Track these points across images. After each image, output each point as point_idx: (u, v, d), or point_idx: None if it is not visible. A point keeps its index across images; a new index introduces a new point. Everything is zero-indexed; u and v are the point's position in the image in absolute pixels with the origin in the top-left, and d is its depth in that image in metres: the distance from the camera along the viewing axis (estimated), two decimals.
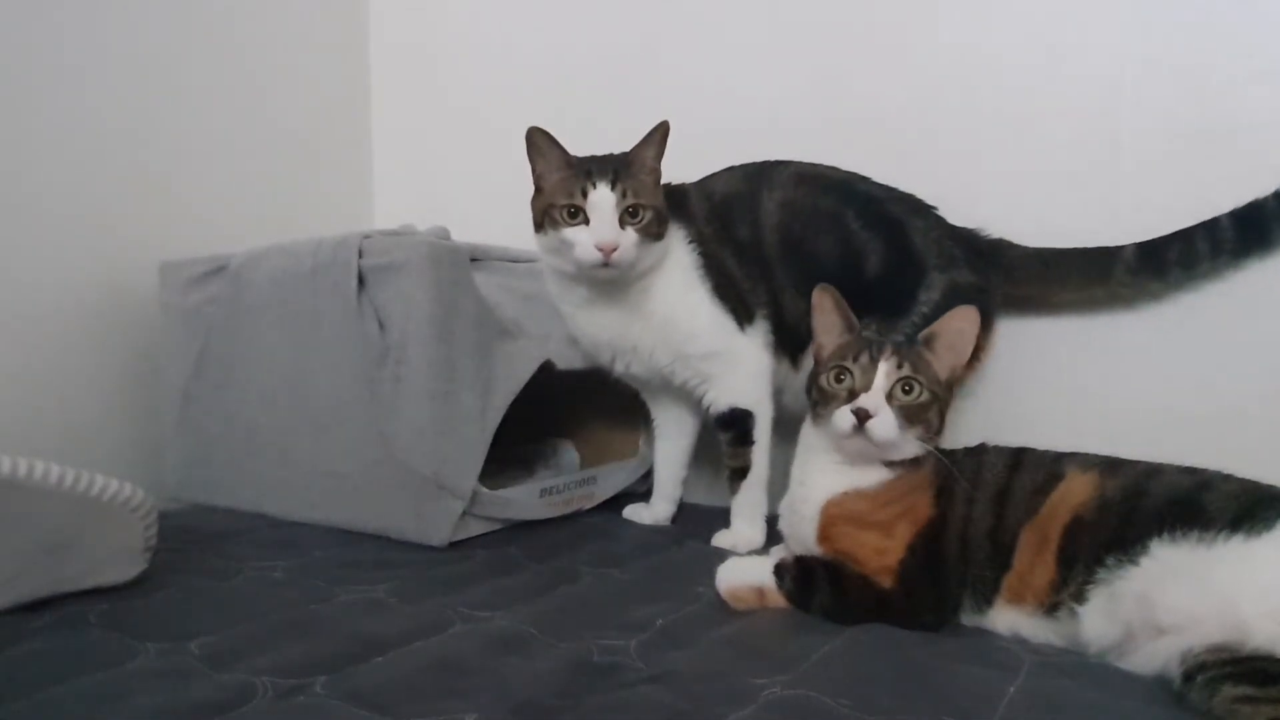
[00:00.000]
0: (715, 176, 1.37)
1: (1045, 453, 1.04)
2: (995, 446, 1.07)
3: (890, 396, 1.02)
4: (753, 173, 1.35)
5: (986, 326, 1.23)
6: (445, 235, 1.41)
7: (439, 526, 1.24)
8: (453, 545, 1.26)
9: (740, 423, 1.31)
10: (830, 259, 1.28)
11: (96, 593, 1.00)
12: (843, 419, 1.01)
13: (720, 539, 1.32)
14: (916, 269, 1.26)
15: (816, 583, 1.00)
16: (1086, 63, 1.34)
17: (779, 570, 1.02)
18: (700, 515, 1.44)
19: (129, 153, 1.56)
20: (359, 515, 1.31)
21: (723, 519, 1.34)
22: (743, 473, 1.32)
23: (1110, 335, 1.33)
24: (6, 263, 1.40)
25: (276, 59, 1.82)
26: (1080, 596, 0.92)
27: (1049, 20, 1.36)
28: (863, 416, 1.00)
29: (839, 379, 1.05)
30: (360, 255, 1.28)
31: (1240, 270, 1.24)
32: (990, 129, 1.40)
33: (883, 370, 1.02)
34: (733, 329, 1.30)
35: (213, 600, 1.03)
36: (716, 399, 1.32)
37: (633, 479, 1.56)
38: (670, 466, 1.45)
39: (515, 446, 1.55)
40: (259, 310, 1.38)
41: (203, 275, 1.45)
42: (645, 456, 1.57)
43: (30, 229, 1.43)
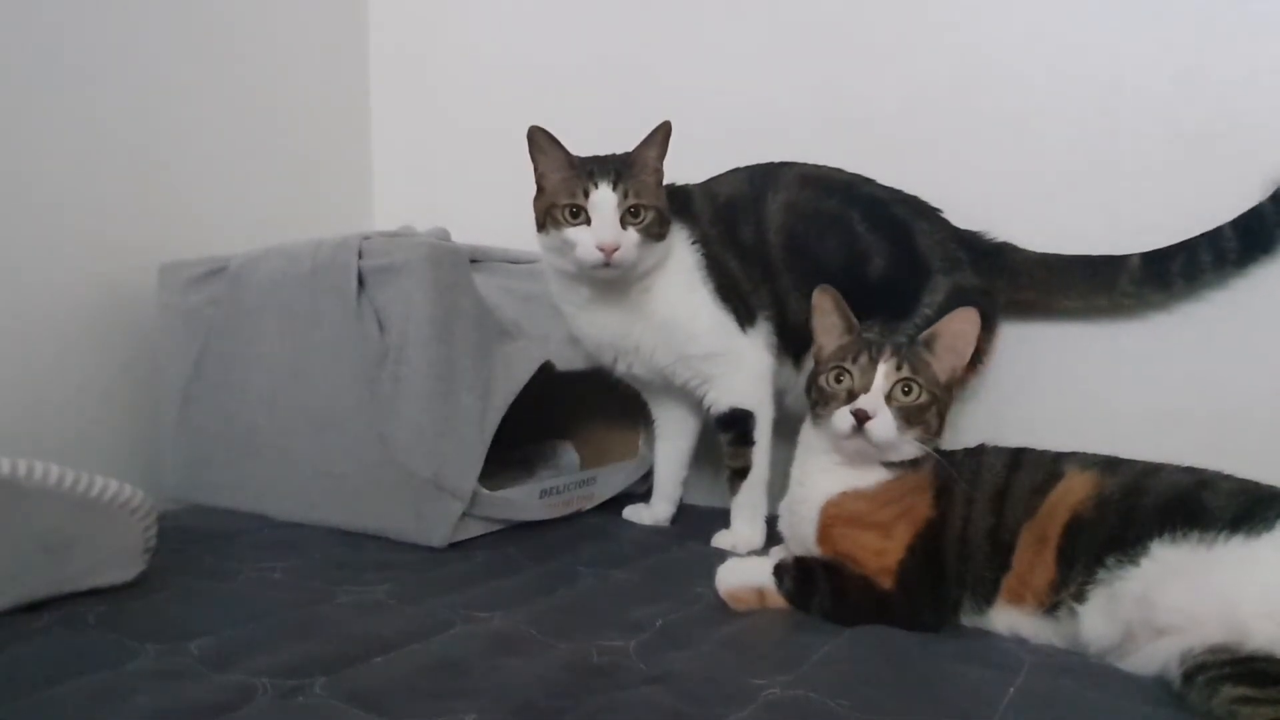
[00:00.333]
0: (719, 178, 1.37)
1: (1044, 452, 1.04)
2: (994, 447, 1.07)
3: (889, 398, 1.02)
4: (757, 174, 1.35)
5: (989, 329, 1.23)
6: (445, 236, 1.41)
7: (439, 527, 1.24)
8: (452, 546, 1.26)
9: (741, 423, 1.31)
10: (834, 260, 1.28)
11: (96, 593, 1.00)
12: (842, 420, 1.01)
13: (720, 539, 1.32)
14: (920, 271, 1.27)
15: (816, 583, 1.00)
16: (1086, 64, 1.34)
17: (778, 571, 1.02)
18: (700, 516, 1.44)
19: (129, 154, 1.56)
20: (359, 516, 1.31)
21: (722, 520, 1.34)
22: (743, 473, 1.32)
23: (1111, 337, 1.33)
24: (6, 264, 1.40)
25: (276, 61, 1.82)
26: (1080, 596, 0.92)
27: (1048, 21, 1.37)
28: (862, 417, 1.00)
29: (838, 380, 1.05)
30: (360, 256, 1.28)
31: (1241, 275, 1.24)
32: (989, 130, 1.40)
33: (882, 371, 1.03)
34: (734, 330, 1.30)
35: (212, 601, 1.02)
36: (717, 399, 1.32)
37: (632, 480, 1.56)
38: (670, 467, 1.45)
39: (515, 447, 1.54)
40: (258, 311, 1.38)
41: (202, 276, 1.45)
42: (645, 457, 1.57)
43: (30, 230, 1.42)
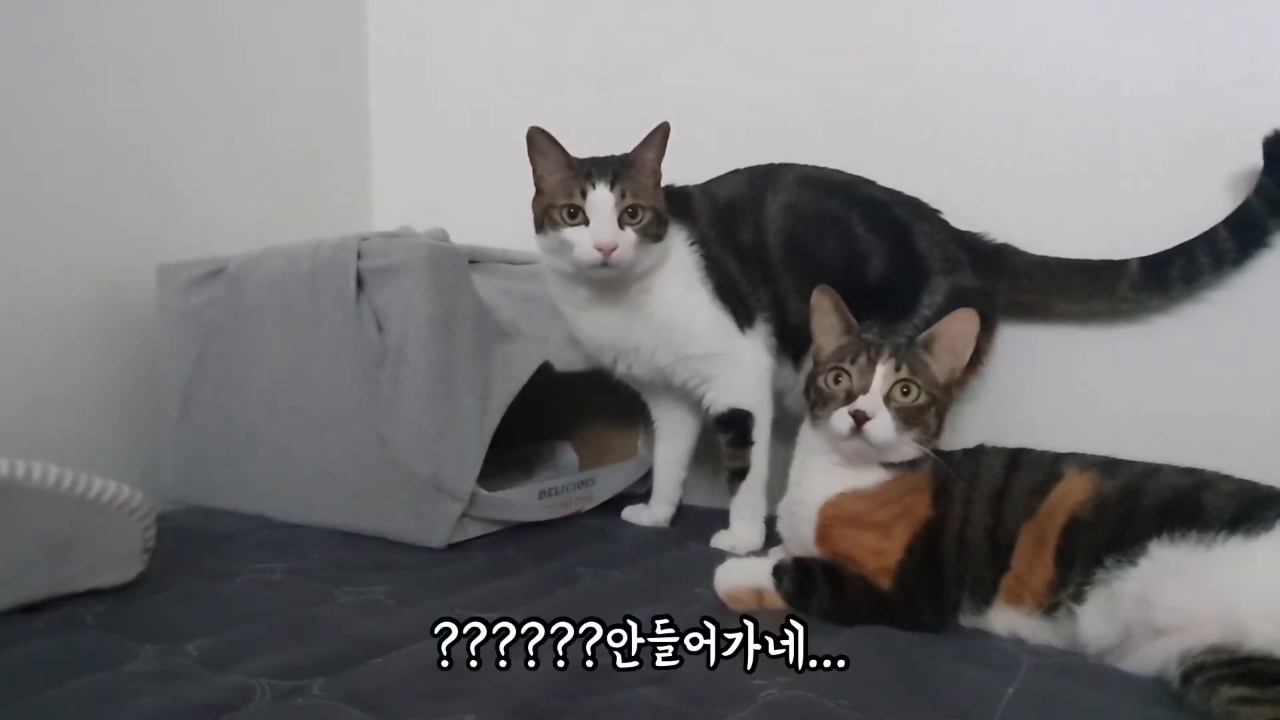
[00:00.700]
0: (719, 180, 1.37)
1: (1043, 453, 1.04)
2: (993, 447, 1.07)
3: (888, 398, 1.02)
4: (756, 176, 1.35)
5: (989, 330, 1.23)
6: (444, 237, 1.41)
7: (438, 528, 1.24)
8: (451, 547, 1.26)
9: (740, 424, 1.31)
10: (834, 261, 1.28)
11: (95, 594, 1.00)
12: (840, 420, 1.01)
13: (719, 540, 1.32)
14: (920, 272, 1.27)
15: (815, 584, 1.00)
16: (1086, 64, 1.34)
17: (777, 571, 1.02)
18: (699, 517, 1.44)
19: (128, 155, 1.56)
20: (358, 517, 1.31)
21: (721, 520, 1.34)
22: (742, 474, 1.32)
23: (1110, 338, 1.33)
24: (6, 265, 1.40)
25: (275, 61, 1.82)
26: (1078, 597, 0.92)
27: (1048, 23, 1.37)
28: (860, 418, 1.00)
29: (837, 380, 1.05)
30: (359, 257, 1.28)
31: (1239, 274, 1.24)
32: (989, 131, 1.40)
33: (881, 372, 1.03)
34: (733, 330, 1.30)
35: (211, 602, 1.02)
36: (716, 400, 1.32)
37: (631, 480, 1.56)
38: (670, 468, 1.45)
39: (514, 448, 1.54)
40: (258, 312, 1.38)
41: (201, 277, 1.45)
42: (644, 458, 1.57)
43: (29, 231, 1.42)
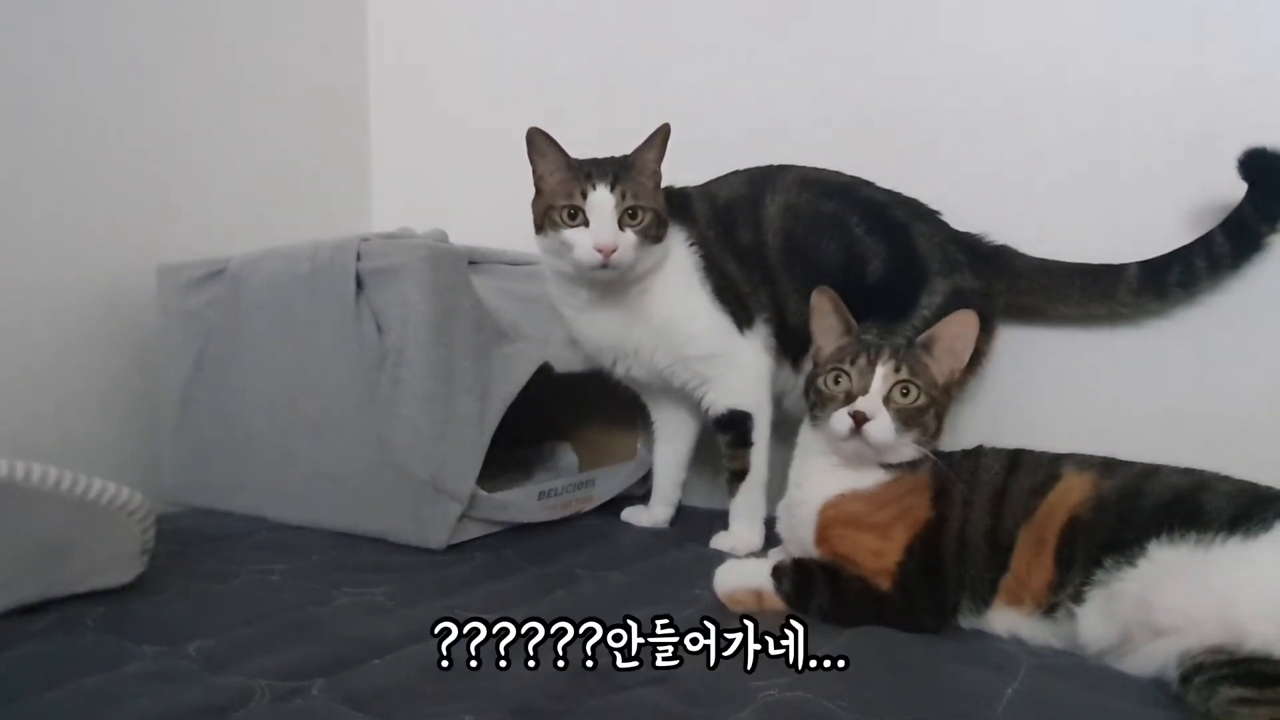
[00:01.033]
0: (718, 181, 1.38)
1: (1042, 454, 1.04)
2: (992, 448, 1.07)
3: (887, 399, 1.02)
4: (755, 177, 1.35)
5: (988, 331, 1.23)
6: (443, 238, 1.41)
7: (437, 529, 1.24)
8: (451, 548, 1.26)
9: (739, 425, 1.31)
10: (833, 263, 1.28)
11: (94, 596, 1.00)
12: (840, 421, 1.02)
13: (719, 541, 1.32)
14: (919, 273, 1.27)
15: (814, 585, 1.00)
16: (1085, 65, 1.34)
17: (777, 572, 1.02)
18: (699, 518, 1.44)
19: (127, 156, 1.56)
20: (357, 518, 1.31)
21: (721, 522, 1.34)
22: (741, 475, 1.32)
23: (1109, 339, 1.33)
24: (4, 266, 1.40)
25: (275, 62, 1.82)
26: (1078, 598, 0.92)
27: (1047, 24, 1.37)
28: (860, 419, 1.00)
29: (836, 381, 1.05)
30: (358, 258, 1.28)
31: (1237, 278, 1.24)
32: (988, 132, 1.40)
33: (880, 373, 1.03)
34: (733, 332, 1.30)
35: (210, 603, 1.02)
36: (716, 401, 1.32)
37: (631, 481, 1.56)
38: (669, 469, 1.45)
39: (513, 449, 1.54)
40: (257, 313, 1.38)
41: (201, 278, 1.45)
42: (644, 459, 1.57)
43: (28, 232, 1.42)
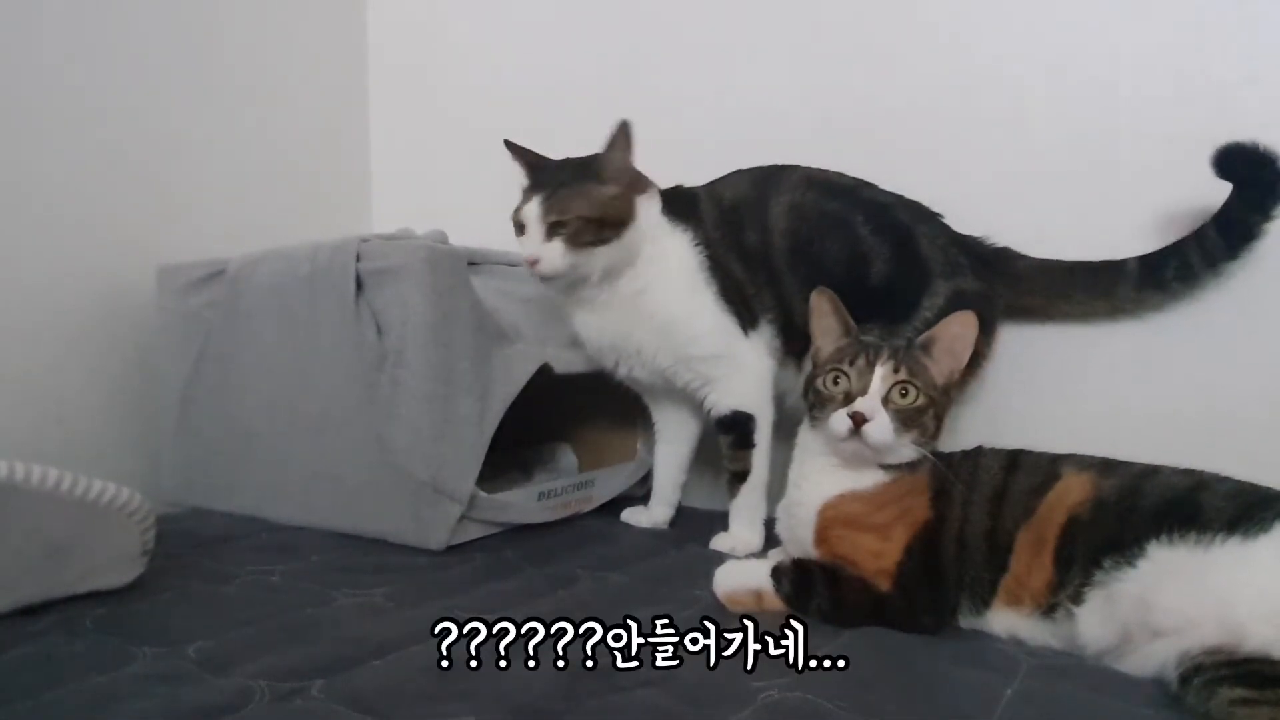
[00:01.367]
0: (724, 180, 1.37)
1: (1041, 454, 1.04)
2: (991, 449, 1.07)
3: (886, 400, 1.02)
4: (760, 177, 1.35)
5: (988, 332, 1.23)
6: (443, 239, 1.41)
7: (437, 530, 1.24)
8: (450, 549, 1.26)
9: (741, 426, 1.32)
10: (837, 263, 1.28)
11: (94, 597, 1.00)
12: (839, 422, 1.02)
13: (719, 542, 1.32)
14: (922, 275, 1.27)
15: (814, 586, 1.00)
16: (1084, 67, 1.34)
17: (776, 573, 1.02)
18: (698, 519, 1.44)
19: (127, 157, 1.56)
20: (357, 519, 1.31)
21: (720, 523, 1.34)
22: (743, 476, 1.32)
23: (1108, 339, 1.33)
24: (5, 266, 1.39)
25: (275, 63, 1.82)
26: (1077, 598, 0.92)
27: (1046, 25, 1.37)
28: (859, 420, 1.00)
29: (835, 382, 1.05)
30: (358, 259, 1.28)
31: (1238, 274, 1.24)
32: (988, 133, 1.40)
33: (879, 374, 1.03)
34: (737, 333, 1.31)
35: (210, 604, 1.02)
36: (718, 402, 1.32)
37: (631, 482, 1.56)
38: (670, 470, 1.45)
39: (513, 450, 1.54)
40: (257, 314, 1.38)
41: (201, 279, 1.45)
42: (643, 459, 1.57)
43: (28, 233, 1.42)
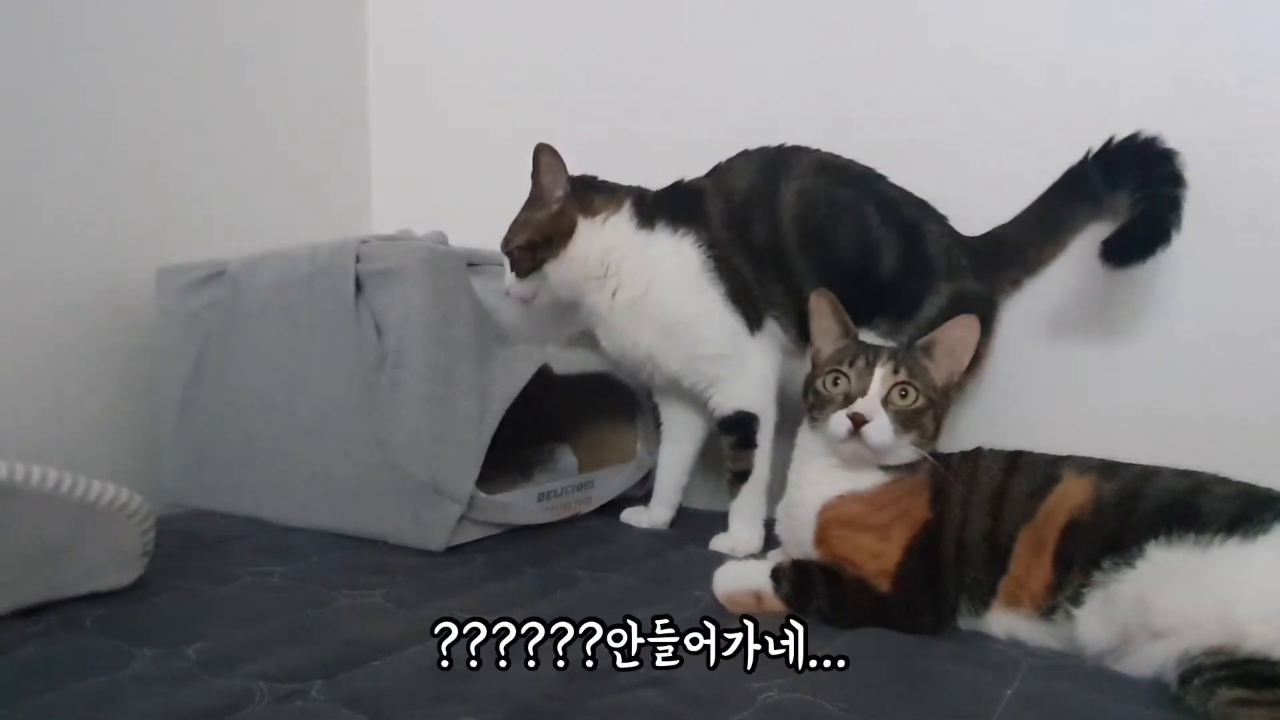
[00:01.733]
0: (731, 170, 1.35)
1: (1041, 456, 1.04)
2: (991, 450, 1.07)
3: (886, 401, 1.02)
4: (769, 161, 1.33)
5: (987, 333, 1.23)
6: (443, 240, 1.41)
7: (436, 531, 1.24)
8: (450, 550, 1.26)
9: (744, 426, 1.32)
10: (849, 251, 1.27)
11: (93, 598, 1.00)
12: (838, 423, 1.02)
13: (719, 542, 1.32)
14: (927, 274, 1.26)
15: (814, 586, 1.00)
16: (1083, 68, 1.34)
17: (776, 574, 1.02)
18: (698, 519, 1.44)
19: (126, 158, 1.56)
20: (356, 520, 1.31)
21: (720, 524, 1.34)
22: (744, 476, 1.32)
23: (1108, 339, 1.33)
24: (4, 267, 1.39)
25: (275, 64, 1.82)
26: (1077, 599, 0.92)
27: (1046, 25, 1.37)
28: (858, 421, 1.00)
29: (835, 383, 1.05)
30: (358, 260, 1.28)
31: (1238, 274, 1.25)
32: (987, 134, 1.40)
33: (879, 375, 1.03)
34: (743, 333, 1.31)
35: (210, 605, 1.02)
36: (722, 402, 1.33)
37: (630, 483, 1.56)
38: (673, 471, 1.45)
39: (513, 451, 1.54)
40: (256, 315, 1.38)
41: (200, 280, 1.45)
42: (643, 460, 1.57)
43: (27, 234, 1.42)
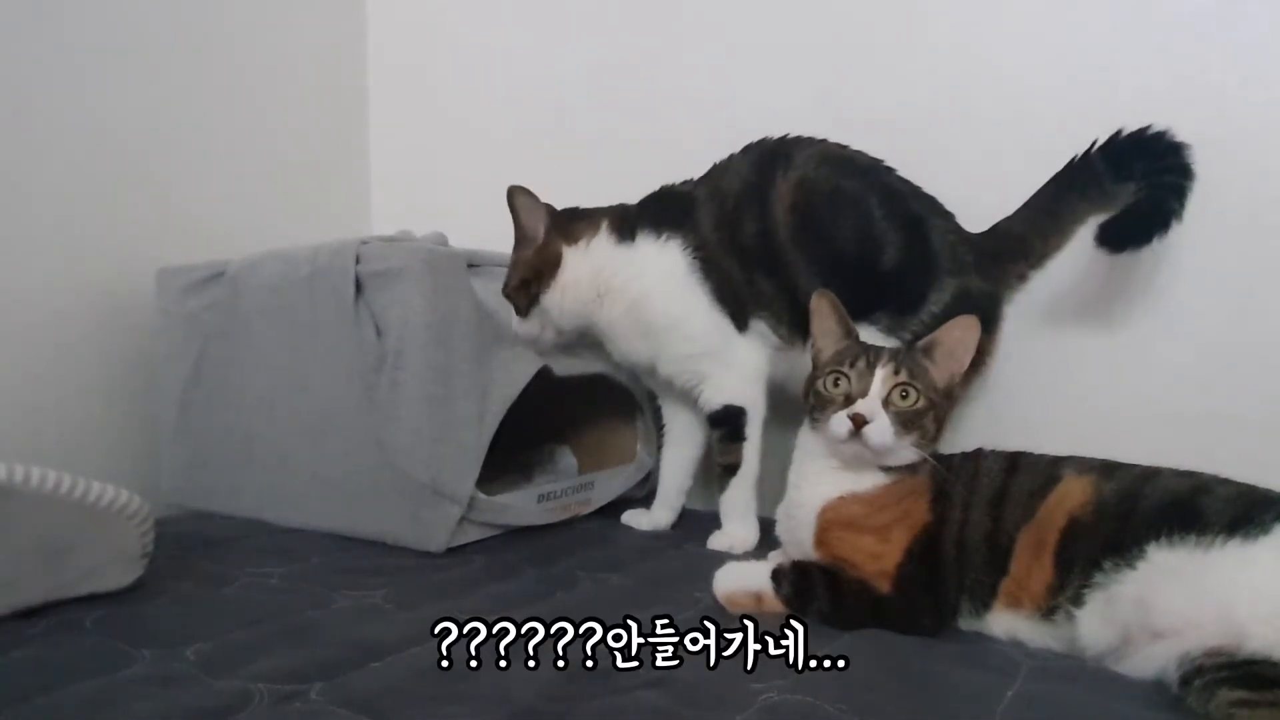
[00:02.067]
0: (726, 171, 1.34)
1: (1041, 456, 1.04)
2: (991, 451, 1.07)
3: (887, 402, 1.02)
4: (766, 157, 1.32)
5: (991, 331, 1.23)
6: (442, 241, 1.41)
7: (436, 532, 1.24)
8: (450, 551, 1.25)
9: (733, 420, 1.32)
10: (846, 243, 1.27)
11: (93, 599, 1.00)
12: (839, 424, 1.02)
13: (716, 540, 1.32)
14: (932, 269, 1.25)
15: (814, 588, 1.00)
16: (1083, 68, 1.34)
17: (776, 575, 1.02)
18: (699, 520, 1.44)
19: (126, 159, 1.56)
20: (356, 521, 1.31)
21: (720, 525, 1.34)
22: (733, 469, 1.33)
23: (1108, 339, 1.33)
24: (4, 269, 1.39)
25: (275, 65, 1.83)
26: (1077, 600, 0.92)
27: (1046, 26, 1.37)
28: (859, 422, 1.00)
29: (835, 384, 1.05)
30: (358, 261, 1.28)
31: (1237, 275, 1.25)
32: (986, 134, 1.40)
33: (879, 376, 1.03)
34: (730, 330, 1.31)
35: (209, 606, 1.02)
36: (711, 398, 1.33)
37: (630, 484, 1.56)
38: (675, 474, 1.45)
39: (513, 452, 1.54)
40: (256, 316, 1.38)
41: (200, 281, 1.45)
42: (643, 461, 1.57)
43: (27, 235, 1.42)
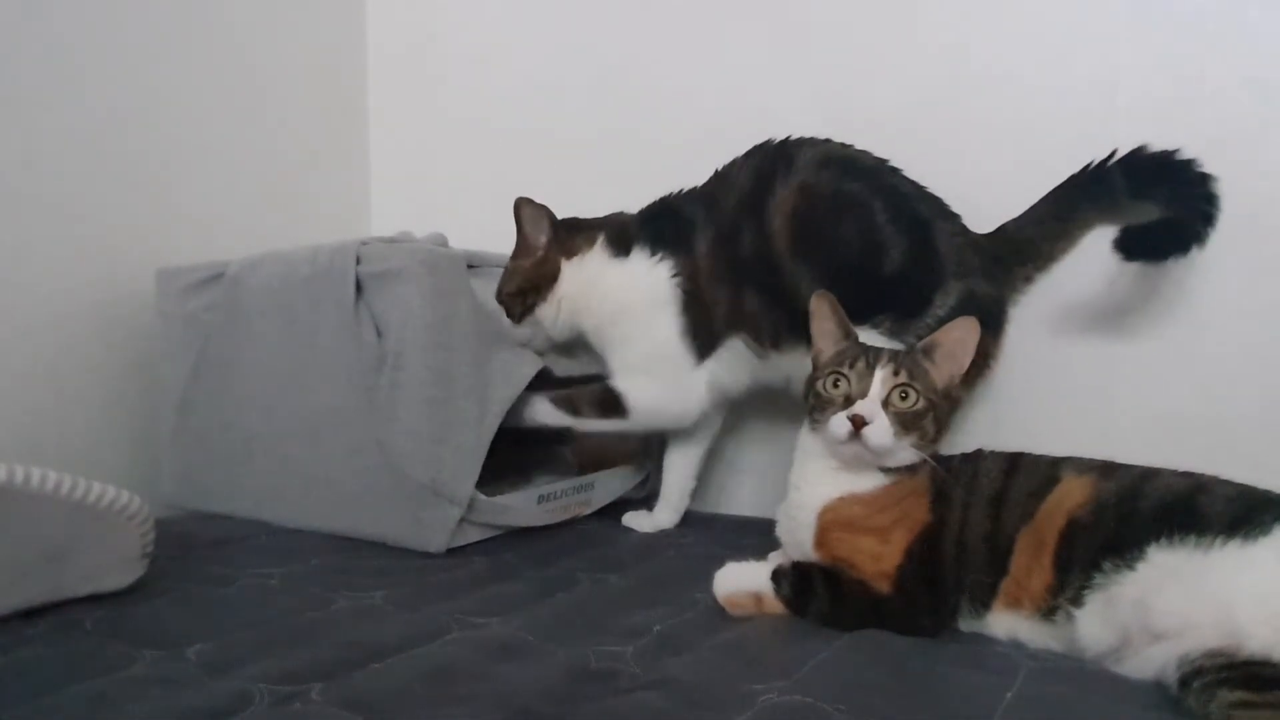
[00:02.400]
0: (728, 179, 1.32)
1: (1041, 457, 1.04)
2: (991, 452, 1.07)
3: (886, 403, 1.02)
4: (767, 162, 1.30)
5: (996, 333, 1.23)
6: (442, 242, 1.41)
7: (436, 533, 1.24)
8: (450, 552, 1.25)
9: (617, 404, 1.32)
10: (848, 246, 1.25)
11: (93, 599, 1.00)
12: (838, 425, 1.02)
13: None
14: (937, 272, 1.24)
15: (814, 588, 1.00)
16: (1083, 70, 1.34)
17: (776, 576, 1.02)
18: (699, 521, 1.44)
19: (126, 159, 1.56)
20: (356, 522, 1.31)
21: (722, 525, 1.35)
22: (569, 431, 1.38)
23: (1109, 340, 1.33)
24: (3, 269, 1.39)
25: (274, 65, 1.82)
26: (1077, 601, 0.92)
27: (1047, 26, 1.37)
28: (858, 423, 1.00)
29: (835, 385, 1.05)
30: (358, 262, 1.28)
31: (1237, 275, 1.25)
32: (986, 136, 1.40)
33: (879, 377, 1.03)
34: (688, 363, 1.31)
35: (209, 607, 1.02)
36: (621, 386, 1.33)
37: (630, 485, 1.56)
38: (678, 476, 1.44)
39: (512, 453, 1.54)
40: (256, 317, 1.38)
41: (200, 282, 1.45)
42: (643, 463, 1.57)
43: (26, 235, 1.42)
